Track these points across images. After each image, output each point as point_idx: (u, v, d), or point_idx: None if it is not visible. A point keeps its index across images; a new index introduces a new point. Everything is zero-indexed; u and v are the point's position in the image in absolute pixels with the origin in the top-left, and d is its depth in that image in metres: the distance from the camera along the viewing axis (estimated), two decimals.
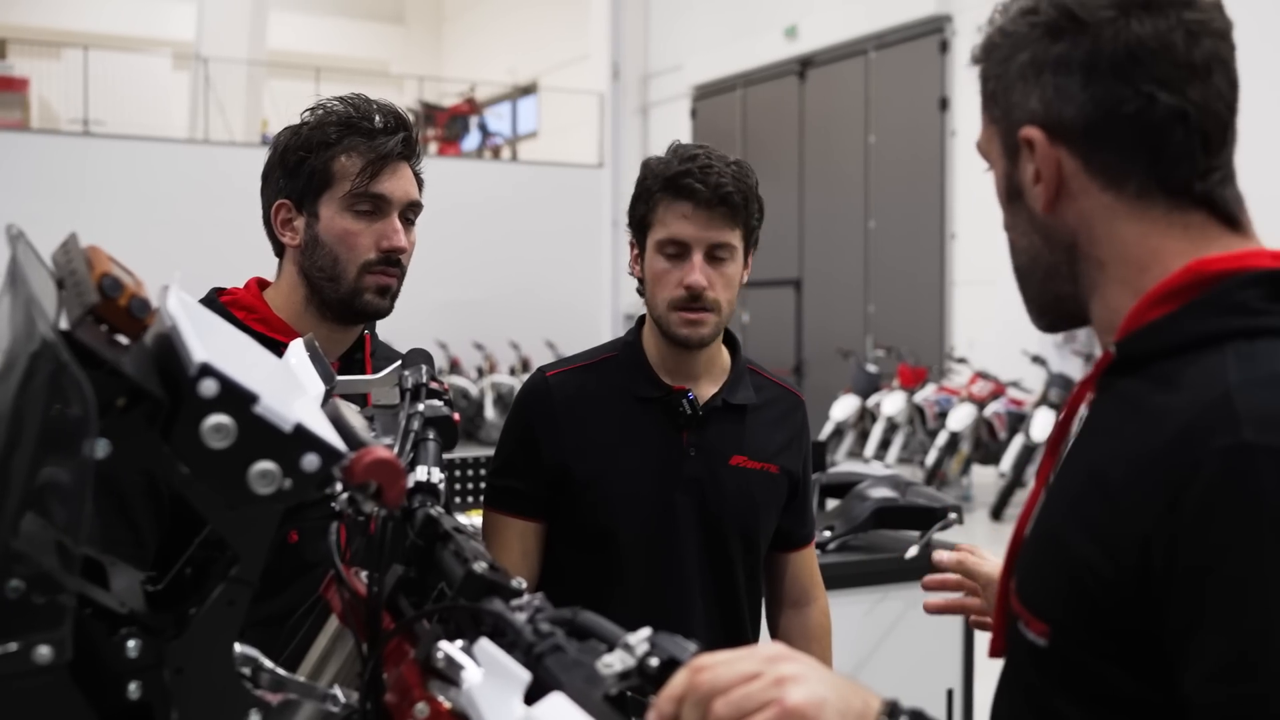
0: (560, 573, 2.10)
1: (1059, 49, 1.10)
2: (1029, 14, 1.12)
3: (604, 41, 17.37)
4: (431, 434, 1.37)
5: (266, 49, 18.20)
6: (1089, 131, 1.10)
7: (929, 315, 12.60)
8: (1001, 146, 1.17)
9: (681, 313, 2.03)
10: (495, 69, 21.57)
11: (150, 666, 0.96)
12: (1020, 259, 1.20)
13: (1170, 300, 1.08)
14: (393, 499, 0.97)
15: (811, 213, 13.96)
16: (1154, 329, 1.08)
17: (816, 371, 13.89)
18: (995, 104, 1.16)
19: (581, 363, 2.18)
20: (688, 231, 2.01)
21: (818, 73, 14.51)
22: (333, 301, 1.92)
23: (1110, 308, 1.13)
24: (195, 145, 15.92)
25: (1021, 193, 1.16)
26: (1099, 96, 1.08)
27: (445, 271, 14.48)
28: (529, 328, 15.27)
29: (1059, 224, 1.14)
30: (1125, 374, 1.10)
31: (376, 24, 25.28)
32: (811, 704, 0.87)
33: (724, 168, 2.00)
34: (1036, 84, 1.11)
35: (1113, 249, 1.12)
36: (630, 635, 0.89)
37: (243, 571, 0.96)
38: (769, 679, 0.88)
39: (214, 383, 0.87)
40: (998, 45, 1.15)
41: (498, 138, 19.82)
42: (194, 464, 0.88)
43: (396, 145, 1.91)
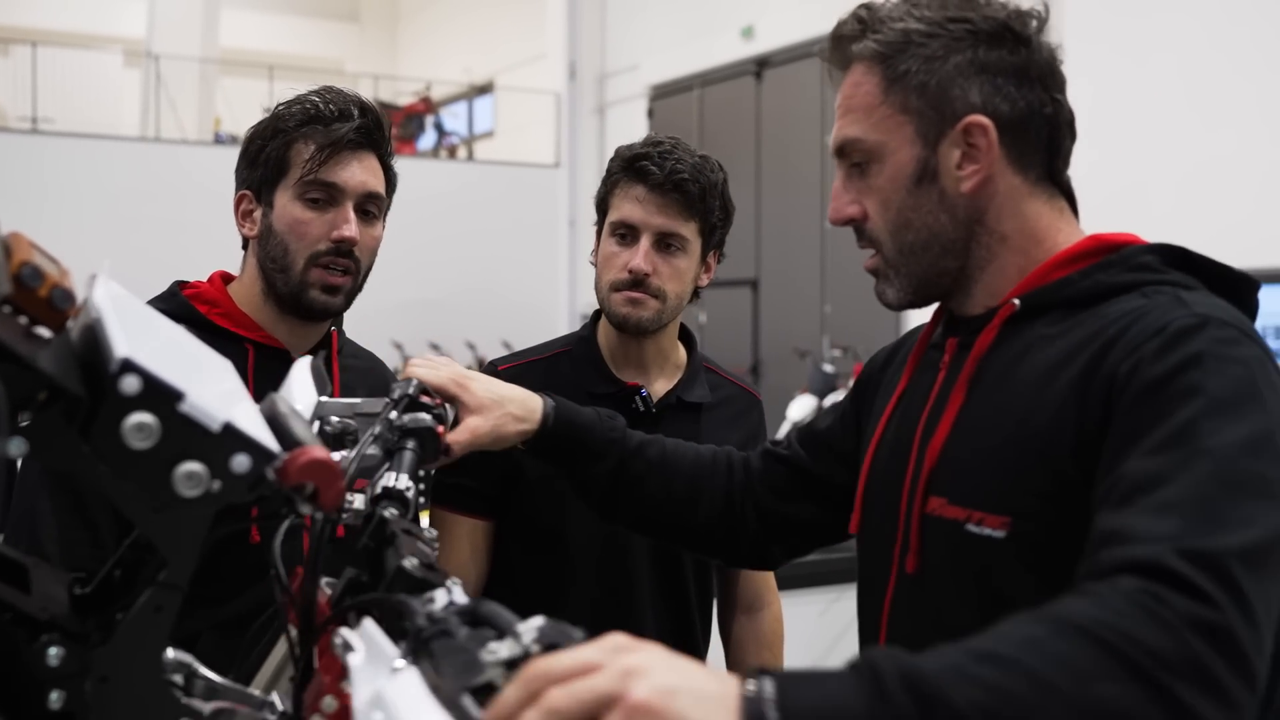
0: (510, 573, 2.07)
1: (997, 54, 1.32)
2: (958, 22, 1.32)
3: (560, 41, 17.29)
4: (411, 444, 1.36)
5: (219, 47, 17.99)
6: (1016, 125, 1.32)
7: (885, 315, 12.60)
8: (915, 134, 1.34)
9: (621, 292, 2.00)
10: (451, 68, 21.45)
11: (73, 675, 0.92)
12: (917, 236, 1.37)
13: (1073, 263, 1.33)
14: (329, 501, 0.93)
15: (768, 213, 13.96)
16: (1064, 283, 1.31)
17: (773, 371, 13.89)
18: (919, 94, 1.33)
19: (534, 357, 2.14)
20: (637, 214, 1.98)
21: (774, 73, 14.51)
22: (284, 295, 1.88)
23: (1006, 276, 1.36)
24: (147, 143, 15.70)
25: (936, 175, 1.34)
26: (1029, 98, 1.32)
27: (400, 271, 14.25)
28: (485, 328, 15.17)
29: (972, 203, 1.34)
30: (1025, 322, 1.31)
31: (331, 22, 25.08)
32: (659, 695, 0.81)
33: (685, 157, 1.98)
34: (975, 81, 1.31)
35: (1017, 224, 1.35)
36: (521, 623, 0.85)
37: (171, 575, 0.92)
38: (614, 671, 0.82)
39: (136, 379, 0.83)
40: (920, 44, 1.32)
41: (454, 137, 19.69)
42: (115, 465, 0.84)
43: (350, 131, 1.86)
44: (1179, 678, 0.92)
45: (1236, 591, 0.98)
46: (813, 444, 1.67)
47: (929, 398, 1.40)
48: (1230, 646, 0.96)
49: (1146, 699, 0.91)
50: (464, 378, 1.57)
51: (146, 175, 14.44)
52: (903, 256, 1.38)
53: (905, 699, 0.86)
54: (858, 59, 1.38)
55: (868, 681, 0.87)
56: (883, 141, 1.35)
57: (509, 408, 1.59)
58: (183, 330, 1.08)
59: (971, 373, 1.34)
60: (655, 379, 2.11)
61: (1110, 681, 0.91)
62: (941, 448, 1.34)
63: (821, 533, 1.69)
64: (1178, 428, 1.09)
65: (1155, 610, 0.95)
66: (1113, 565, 1.01)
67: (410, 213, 15.96)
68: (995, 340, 1.33)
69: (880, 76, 1.35)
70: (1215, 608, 0.97)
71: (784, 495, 1.66)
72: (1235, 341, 1.17)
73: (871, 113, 1.36)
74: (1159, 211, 7.64)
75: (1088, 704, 0.90)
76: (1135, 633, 0.93)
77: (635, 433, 1.70)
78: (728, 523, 1.68)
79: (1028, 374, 1.27)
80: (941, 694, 0.87)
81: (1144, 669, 0.92)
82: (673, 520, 1.70)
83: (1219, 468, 1.06)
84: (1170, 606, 0.96)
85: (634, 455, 1.66)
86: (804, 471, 1.67)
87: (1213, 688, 0.93)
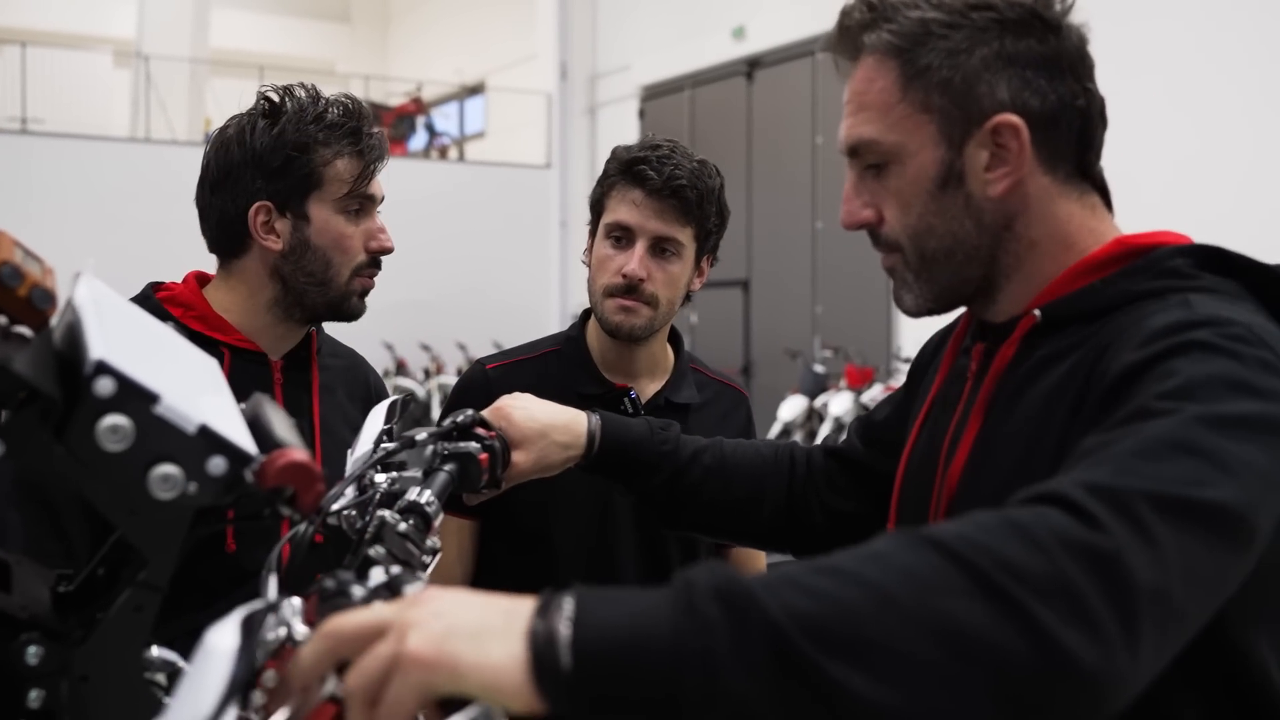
0: (494, 573, 2.07)
1: (1026, 44, 1.19)
2: (983, 9, 1.19)
3: (551, 42, 17.30)
4: (449, 467, 1.38)
5: (209, 47, 17.99)
6: (1048, 121, 1.20)
7: (876, 316, 12.63)
8: (939, 134, 1.21)
9: (614, 299, 2.00)
10: (442, 68, 21.45)
11: (53, 674, 0.92)
12: (940, 243, 1.25)
13: (1098, 270, 1.21)
14: (307, 505, 0.93)
15: (759, 214, 13.97)
16: (1087, 292, 1.20)
17: (764, 372, 13.91)
18: (941, 92, 1.20)
19: (522, 356, 2.14)
20: (633, 218, 1.97)
21: (765, 73, 14.52)
22: (318, 305, 1.87)
23: (1033, 282, 1.25)
24: (137, 144, 15.69)
25: (962, 178, 1.21)
26: (1061, 91, 1.19)
27: (391, 272, 14.12)
28: (476, 329, 15.17)
29: (1001, 207, 1.22)
30: (1045, 335, 1.21)
31: (322, 23, 25.07)
32: (429, 643, 0.78)
33: (684, 161, 1.97)
34: (1003, 75, 1.18)
35: (1047, 228, 1.23)
36: (412, 585, 0.88)
37: (151, 576, 0.92)
38: (395, 631, 0.80)
39: (110, 381, 0.83)
40: (942, 35, 1.19)
41: (445, 138, 19.69)
42: (89, 467, 0.84)
43: (384, 143, 1.89)
44: (1039, 598, 0.82)
45: (1137, 525, 0.88)
46: (870, 437, 1.62)
47: (954, 412, 1.32)
48: (1112, 576, 0.84)
49: (998, 616, 0.81)
50: (507, 408, 1.55)
51: (136, 176, 14.43)
52: (924, 264, 1.26)
53: (714, 608, 0.79)
54: (870, 51, 1.24)
55: (678, 594, 0.81)
56: (901, 142, 1.23)
57: (553, 435, 1.56)
58: (169, 329, 1.08)
59: (989, 392, 1.26)
60: (644, 381, 2.11)
61: (958, 596, 0.82)
62: (961, 474, 1.26)
63: (881, 527, 1.64)
64: (1139, 406, 1.00)
65: (1027, 527, 0.86)
66: (1012, 501, 0.92)
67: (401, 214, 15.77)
68: (1016, 355, 1.24)
69: (897, 71, 1.22)
70: (1101, 531, 0.86)
71: (842, 491, 1.62)
72: (1241, 339, 1.04)
73: (888, 111, 1.23)
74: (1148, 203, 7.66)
75: (929, 619, 0.81)
76: (994, 546, 0.84)
77: (691, 439, 1.66)
78: (793, 518, 1.64)
79: (1039, 394, 1.18)
80: (756, 604, 0.80)
81: (996, 584, 0.82)
82: (737, 523, 1.66)
83: (1168, 432, 0.96)
84: (1046, 524, 0.86)
85: (689, 464, 1.62)
86: (860, 465, 1.61)
87: (1081, 616, 0.82)
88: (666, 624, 0.79)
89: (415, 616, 0.80)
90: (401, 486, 1.32)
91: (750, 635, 0.79)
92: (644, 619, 0.79)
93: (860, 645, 0.79)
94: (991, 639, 0.81)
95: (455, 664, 0.78)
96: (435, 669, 0.78)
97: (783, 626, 0.79)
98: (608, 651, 0.78)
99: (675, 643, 0.78)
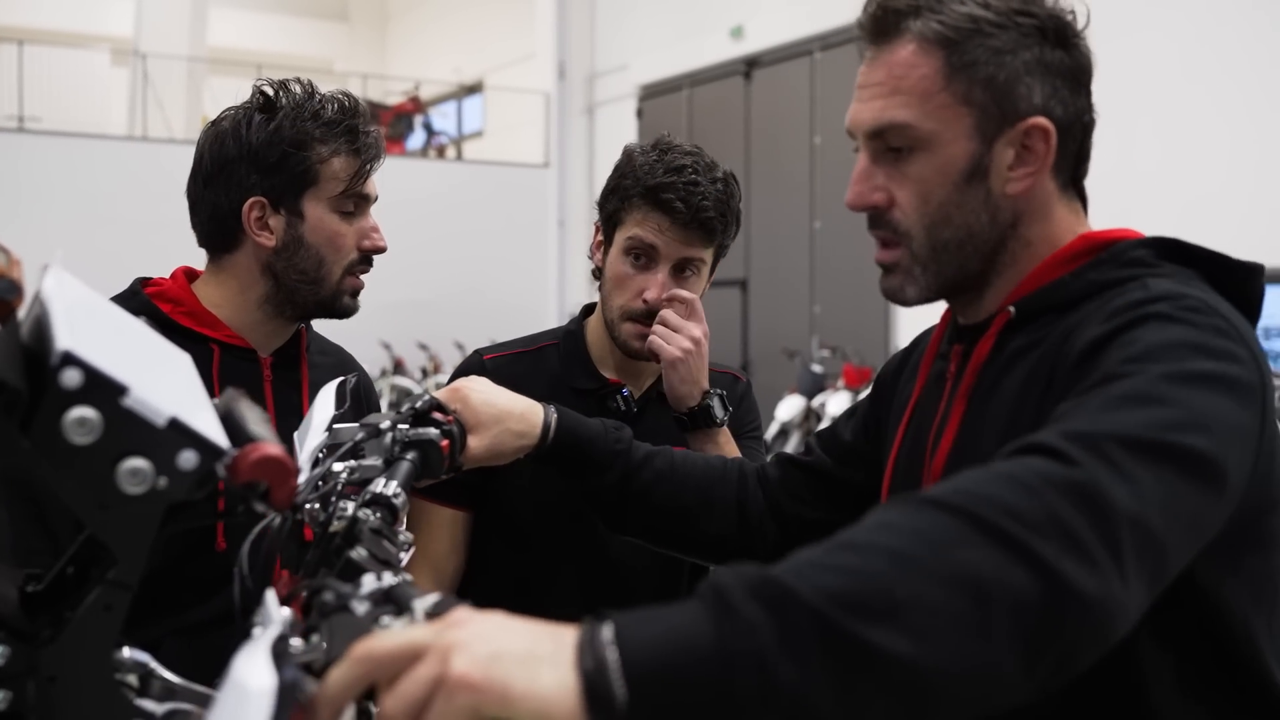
0: (486, 571, 2.04)
1: (1058, 56, 1.26)
2: (1024, 15, 1.25)
3: (550, 41, 17.28)
4: (410, 455, 1.35)
5: (207, 46, 17.96)
6: (1065, 130, 1.27)
7: (874, 315, 12.61)
8: (973, 128, 1.26)
9: (635, 324, 1.98)
10: (440, 68, 21.43)
11: (20, 675, 0.89)
12: (954, 234, 1.29)
13: (1065, 264, 1.29)
14: (281, 499, 0.91)
15: (757, 213, 13.95)
16: (1057, 285, 1.27)
17: (762, 371, 13.88)
18: (985, 88, 1.25)
19: (520, 349, 2.13)
20: (658, 241, 1.96)
21: (763, 73, 14.50)
22: (309, 303, 1.85)
23: (1018, 280, 1.31)
24: (134, 142, 15.66)
25: (987, 174, 1.27)
26: (1079, 105, 1.28)
27: (389, 271, 14.11)
28: (474, 328, 15.13)
29: (1014, 205, 1.28)
30: (1019, 329, 1.28)
31: (320, 21, 25.04)
32: (478, 666, 0.76)
33: (709, 187, 1.94)
34: (1040, 80, 1.25)
35: (1042, 230, 1.30)
36: (418, 599, 0.84)
37: (120, 574, 0.89)
38: (435, 653, 0.78)
39: (77, 372, 0.80)
40: (986, 34, 1.24)
41: (443, 137, 19.66)
42: (56, 461, 0.82)
43: (381, 142, 1.87)
44: (1039, 535, 0.87)
45: (1107, 460, 0.94)
46: (834, 448, 1.64)
47: (937, 411, 1.36)
48: (1094, 506, 0.91)
49: (1009, 560, 0.86)
50: (465, 390, 1.55)
51: (133, 174, 14.39)
52: (935, 253, 1.30)
53: (753, 607, 0.80)
54: (913, 37, 1.27)
55: (712, 601, 0.81)
56: (937, 131, 1.26)
57: (508, 423, 1.56)
58: (140, 323, 1.05)
59: (969, 386, 1.31)
60: (642, 376, 2.10)
61: (971, 546, 0.86)
62: (944, 462, 1.30)
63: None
64: (1105, 372, 1.07)
65: (1015, 474, 0.92)
66: (996, 456, 0.98)
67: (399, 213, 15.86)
68: (992, 350, 1.30)
69: (943, 61, 1.25)
70: (1076, 465, 0.93)
71: (805, 500, 1.63)
72: (1195, 310, 1.13)
73: (929, 99, 1.26)
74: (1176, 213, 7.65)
75: (951, 571, 0.85)
76: (991, 494, 0.89)
77: (643, 445, 1.67)
78: (742, 531, 1.64)
79: (1013, 383, 1.24)
80: (791, 593, 0.81)
81: (1002, 529, 0.87)
82: (682, 531, 1.66)
83: (1135, 388, 1.03)
84: (1031, 469, 0.92)
85: (640, 467, 1.63)
86: (826, 475, 1.63)
87: (1075, 546, 0.88)
88: (709, 631, 0.79)
89: (458, 639, 0.79)
90: (362, 476, 1.29)
91: (794, 625, 0.80)
92: (684, 631, 0.80)
93: (894, 608, 0.82)
94: (1006, 580, 0.85)
95: (505, 689, 0.77)
96: (484, 692, 0.77)
97: (822, 609, 0.80)
98: (658, 669, 0.78)
99: (721, 648, 0.79)
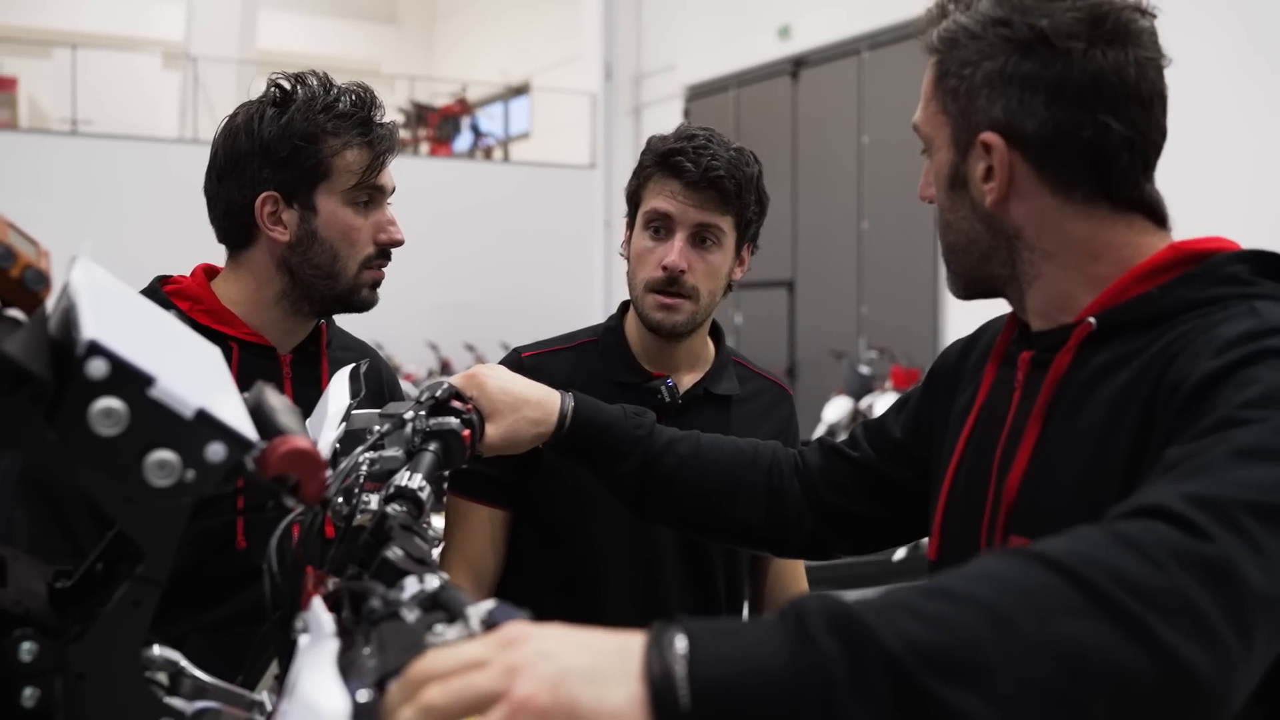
0: (523, 573, 2.02)
1: (1028, 67, 1.20)
2: (1000, 25, 1.22)
3: (596, 42, 17.28)
4: (433, 446, 1.34)
5: (256, 49, 18.09)
6: (1045, 146, 1.21)
7: (922, 316, 12.52)
8: (950, 138, 1.27)
9: (656, 295, 1.96)
10: (487, 69, 21.49)
11: (48, 671, 0.88)
12: (956, 238, 1.31)
13: (1153, 277, 1.21)
14: (310, 493, 0.89)
15: (804, 214, 13.88)
16: (1144, 300, 1.20)
17: (809, 373, 13.81)
18: (952, 99, 1.26)
19: (559, 345, 2.11)
20: (672, 208, 1.94)
21: (811, 73, 14.43)
22: (325, 298, 1.84)
23: (1060, 291, 1.26)
24: (184, 145, 15.79)
25: (966, 183, 1.27)
26: (1060, 118, 1.20)
27: (437, 273, 14.39)
28: (520, 329, 15.08)
29: (1004, 218, 1.25)
30: (1100, 343, 1.21)
31: (368, 24, 25.19)
32: (545, 688, 0.74)
33: (720, 150, 1.93)
34: (1002, 93, 1.22)
35: (1062, 242, 1.24)
36: (471, 606, 0.82)
37: (148, 570, 0.87)
38: (498, 668, 0.75)
39: (103, 362, 0.79)
40: (962, 44, 1.24)
41: (489, 138, 19.71)
42: (82, 452, 0.80)
43: (395, 134, 1.84)
44: (1161, 615, 0.81)
45: (1239, 531, 0.87)
46: (883, 443, 1.60)
47: (1005, 422, 1.31)
48: (1227, 587, 0.84)
49: (1121, 636, 0.80)
50: (482, 377, 1.53)
51: (183, 176, 14.50)
52: (949, 253, 1.34)
53: (831, 641, 0.77)
54: (928, 45, 1.31)
55: (792, 627, 0.78)
56: (931, 137, 1.31)
57: (524, 411, 1.54)
58: (170, 316, 1.04)
59: (1047, 401, 1.25)
60: (684, 373, 2.07)
61: (1078, 616, 0.80)
62: (1020, 484, 1.25)
63: (889, 532, 1.62)
64: (1223, 416, 1.00)
65: (1139, 542, 0.85)
66: (1113, 515, 0.91)
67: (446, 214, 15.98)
68: (1071, 363, 1.24)
69: (935, 71, 1.29)
70: (1209, 540, 0.85)
71: (848, 492, 1.59)
72: None
73: (926, 105, 1.31)
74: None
75: (1051, 640, 0.79)
76: (1111, 563, 0.83)
77: (666, 429, 1.64)
78: (772, 518, 1.61)
79: (1101, 402, 1.18)
80: (871, 634, 0.77)
81: (1118, 603, 0.81)
82: (708, 518, 1.63)
83: (1259, 441, 0.95)
84: (1158, 538, 0.85)
85: (662, 453, 1.60)
86: (873, 471, 1.59)
87: (1201, 630, 0.82)
88: (783, 657, 0.77)
89: (521, 658, 0.76)
90: (383, 468, 1.27)
91: (868, 667, 0.77)
92: (759, 653, 0.78)
93: (979, 671, 0.78)
94: (1115, 660, 0.80)
95: (573, 710, 0.75)
96: (552, 715, 0.74)
97: (900, 656, 0.77)
98: (726, 689, 0.76)
99: (793, 676, 0.77)
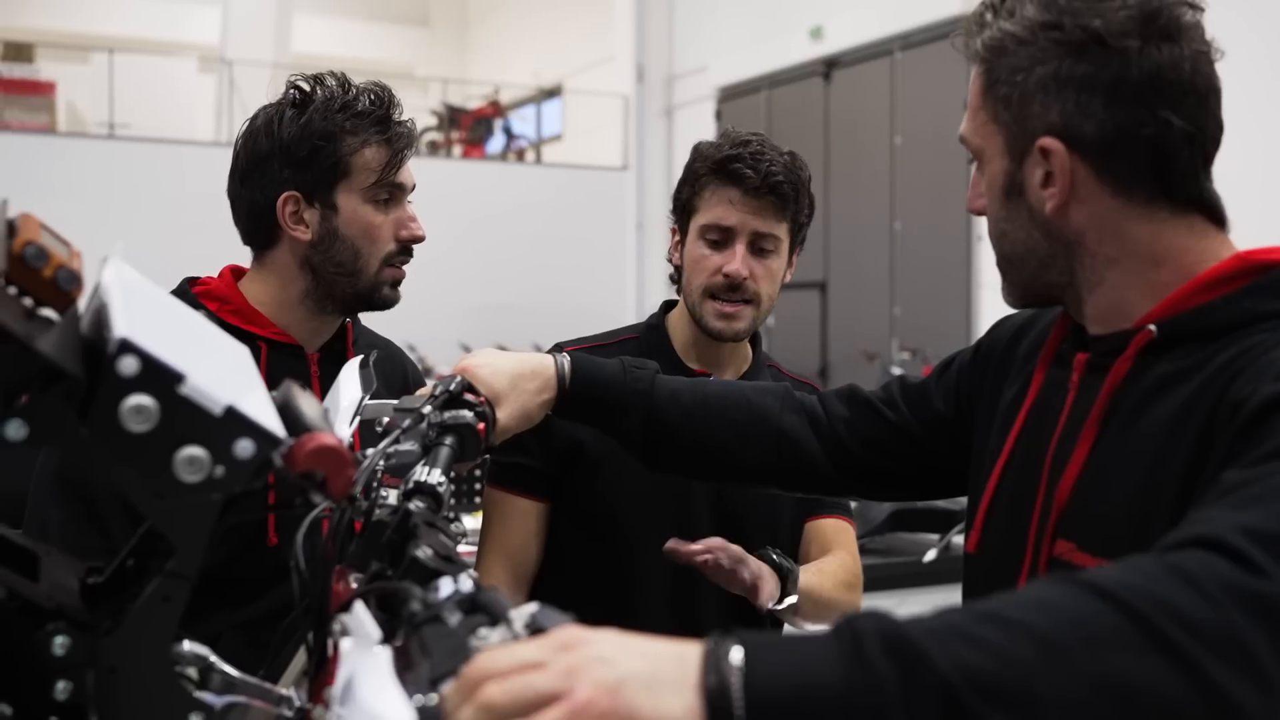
0: (561, 571, 2.02)
1: (1083, 69, 1.19)
2: (1050, 29, 1.20)
3: (628, 44, 17.29)
4: (449, 440, 1.34)
5: (291, 52, 18.19)
6: (1105, 147, 1.19)
7: (955, 317, 12.47)
8: (1004, 146, 1.25)
9: (717, 302, 1.97)
10: (520, 71, 21.54)
11: (80, 665, 0.89)
12: (1012, 248, 1.29)
13: (1217, 287, 1.19)
14: (338, 489, 0.90)
15: (837, 214, 13.85)
16: (1207, 310, 1.18)
17: (841, 374, 13.77)
18: (1005, 107, 1.24)
19: (600, 342, 2.12)
20: (732, 218, 1.95)
21: (843, 74, 14.40)
22: (347, 295, 1.86)
23: (1120, 297, 1.24)
24: (221, 148, 15.82)
25: (1023, 191, 1.25)
26: (1120, 118, 1.18)
27: (469, 274, 14.43)
28: (552, 330, 14.99)
29: (1064, 224, 1.23)
30: (1161, 352, 1.19)
31: (401, 27, 25.30)
32: (604, 693, 0.75)
33: (776, 156, 1.95)
34: (1057, 98, 1.20)
35: (1124, 247, 1.23)
36: (514, 610, 0.82)
37: (178, 565, 0.89)
38: (556, 670, 0.75)
39: (134, 360, 0.80)
40: (1010, 51, 1.23)
41: (522, 140, 19.75)
42: (113, 449, 0.81)
43: (414, 131, 1.86)
44: (1211, 651, 0.81)
45: None
46: (922, 410, 1.58)
47: (1058, 424, 1.30)
48: (1278, 623, 0.84)
49: (1171, 672, 0.81)
50: (472, 368, 1.51)
51: (219, 179, 14.55)
52: (1004, 263, 1.32)
53: (886, 662, 0.78)
54: (972, 54, 1.29)
55: (848, 646, 0.79)
56: (982, 148, 1.29)
57: (523, 384, 1.53)
58: (199, 315, 1.06)
59: (1104, 408, 1.23)
60: (725, 373, 2.08)
61: (1129, 650, 0.81)
62: (1072, 490, 1.24)
63: (905, 488, 1.65)
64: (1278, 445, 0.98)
65: (1194, 575, 0.85)
66: (1166, 544, 0.91)
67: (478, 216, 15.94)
68: (1130, 371, 1.22)
69: (983, 80, 1.27)
70: (1264, 577, 0.85)
71: (877, 449, 1.60)
72: None
73: (975, 115, 1.29)
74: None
75: (1102, 672, 0.80)
76: (1165, 598, 0.83)
77: (669, 380, 1.62)
78: (783, 461, 1.60)
79: (1161, 415, 1.17)
80: (925, 657, 0.78)
81: (1169, 638, 0.81)
82: (719, 466, 1.65)
83: None
84: (1213, 573, 0.85)
85: (665, 406, 1.60)
86: (907, 435, 1.58)
87: (1251, 667, 0.82)
88: (837, 675, 0.78)
89: (580, 661, 0.77)
90: (399, 462, 1.27)
91: (921, 690, 0.78)
92: (814, 669, 0.78)
93: (1030, 701, 0.79)
94: (1163, 694, 0.81)
95: (632, 716, 0.76)
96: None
97: (952, 681, 0.78)
98: (780, 704, 0.77)
99: (847, 695, 0.78)
